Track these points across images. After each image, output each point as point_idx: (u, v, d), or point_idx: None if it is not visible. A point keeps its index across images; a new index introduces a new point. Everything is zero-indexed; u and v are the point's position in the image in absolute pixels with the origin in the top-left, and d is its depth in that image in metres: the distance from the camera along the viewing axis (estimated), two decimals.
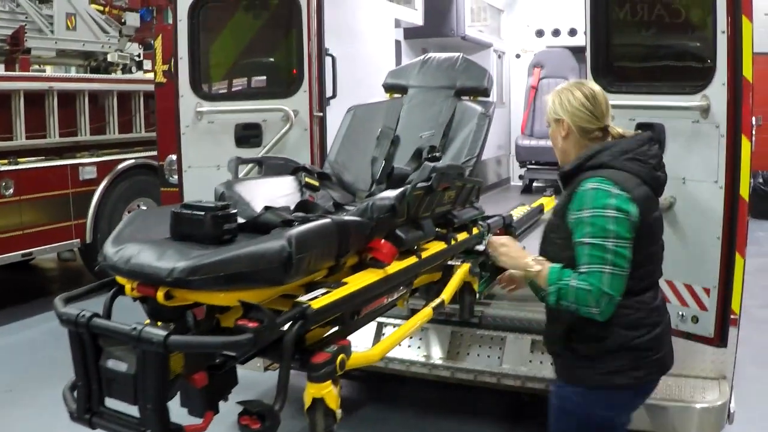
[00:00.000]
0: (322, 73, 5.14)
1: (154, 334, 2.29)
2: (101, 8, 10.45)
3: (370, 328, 4.96)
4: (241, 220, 2.84)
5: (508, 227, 4.57)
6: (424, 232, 3.29)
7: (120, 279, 2.61)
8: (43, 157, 8.76)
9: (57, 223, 8.53)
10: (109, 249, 2.60)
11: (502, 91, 9.78)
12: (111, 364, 2.45)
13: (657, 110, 4.08)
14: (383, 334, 4.90)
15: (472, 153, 4.02)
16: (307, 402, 2.60)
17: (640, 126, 4.13)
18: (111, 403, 2.56)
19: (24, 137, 8.58)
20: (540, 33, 9.95)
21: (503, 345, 4.66)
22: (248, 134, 5.13)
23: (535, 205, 7.29)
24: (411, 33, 8.11)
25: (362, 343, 4.81)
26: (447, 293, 3.61)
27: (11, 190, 8.23)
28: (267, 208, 3.14)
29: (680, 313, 4.01)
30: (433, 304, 3.51)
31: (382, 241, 2.95)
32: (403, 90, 4.53)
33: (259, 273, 2.43)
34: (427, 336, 4.86)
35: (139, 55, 10.92)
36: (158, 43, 6.42)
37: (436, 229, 3.66)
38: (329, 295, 2.64)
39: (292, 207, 3.61)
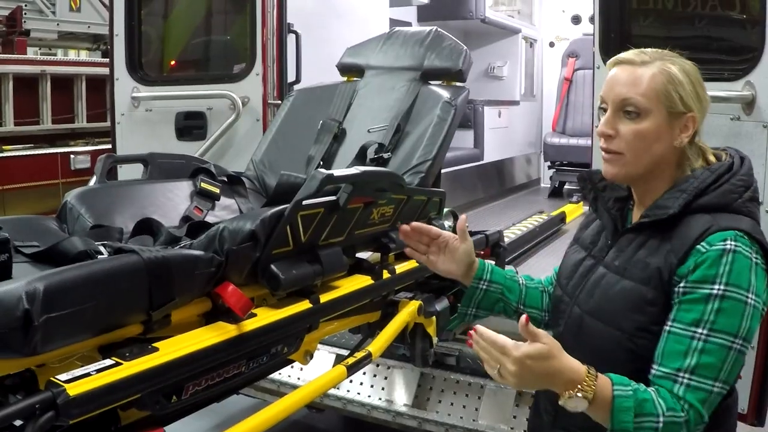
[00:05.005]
0: (282, 54, 4.25)
1: None
2: None
3: (326, 361, 4.07)
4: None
5: (494, 248, 3.59)
6: (324, 266, 2.34)
7: None
8: (33, 145, 8.18)
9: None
10: None
11: (533, 83, 8.69)
12: None
13: None
14: None
15: (427, 154, 3.04)
16: None
17: None
18: None
19: (12, 123, 8.02)
20: (576, 19, 8.78)
21: (482, 394, 3.70)
22: (191, 125, 4.31)
23: (554, 213, 6.22)
24: (425, 14, 7.13)
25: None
26: (376, 345, 2.69)
27: None
28: (96, 227, 2.26)
29: None
30: (350, 361, 2.58)
31: (231, 286, 2.01)
32: (360, 72, 3.58)
33: None
34: (392, 376, 3.95)
35: None
36: None
37: (367, 256, 2.74)
38: (111, 371, 1.72)
39: (177, 221, 2.74)
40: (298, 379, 4.13)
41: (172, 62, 4.64)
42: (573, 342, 1.78)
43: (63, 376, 1.68)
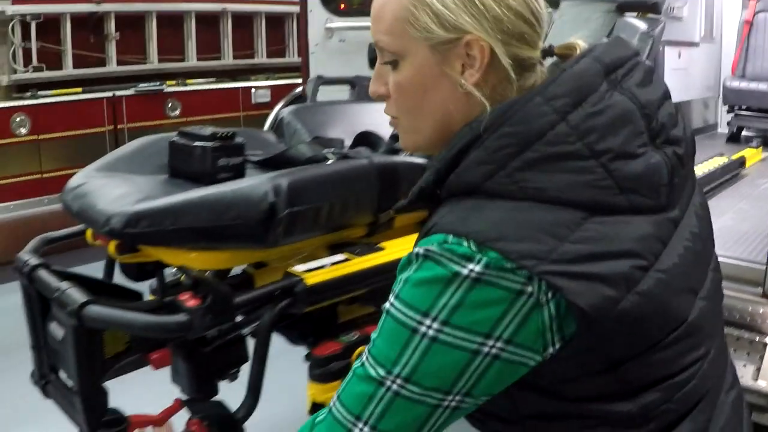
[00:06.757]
0: None
1: (69, 300, 1.68)
2: None
3: None
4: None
5: None
6: None
7: None
8: (215, 79, 8.60)
9: None
10: (75, 180, 2.01)
11: (713, 26, 8.25)
12: (53, 327, 1.88)
13: None
14: None
15: None
16: (308, 404, 1.90)
17: None
18: None
19: (195, 59, 8.46)
20: None
21: None
22: None
23: (735, 157, 5.99)
24: None
25: None
26: None
27: (178, 111, 8.12)
28: (315, 139, 2.42)
29: None
30: None
31: None
32: (555, 3, 3.57)
33: (226, 229, 1.73)
34: None
35: None
36: None
37: None
38: (342, 265, 1.88)
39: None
40: None
41: None
42: None
43: (299, 267, 1.86)
